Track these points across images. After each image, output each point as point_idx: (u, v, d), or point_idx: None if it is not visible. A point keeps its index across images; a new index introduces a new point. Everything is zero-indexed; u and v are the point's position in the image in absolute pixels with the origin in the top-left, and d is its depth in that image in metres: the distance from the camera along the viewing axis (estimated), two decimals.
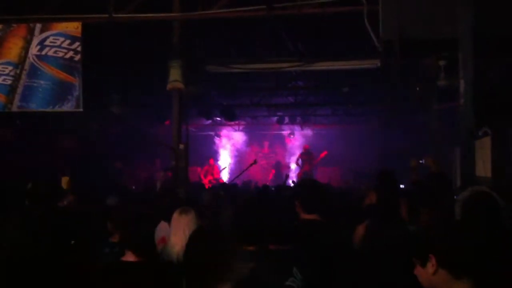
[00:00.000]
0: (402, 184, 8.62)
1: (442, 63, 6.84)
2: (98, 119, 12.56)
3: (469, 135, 4.94)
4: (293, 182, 12.68)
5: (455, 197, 5.20)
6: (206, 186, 11.81)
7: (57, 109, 7.04)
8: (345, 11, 6.80)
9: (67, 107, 6.93)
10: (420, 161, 6.94)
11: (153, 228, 3.94)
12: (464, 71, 4.89)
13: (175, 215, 4.10)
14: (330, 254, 3.20)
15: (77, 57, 6.91)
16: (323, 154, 17.37)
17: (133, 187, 13.30)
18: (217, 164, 18.38)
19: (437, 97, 9.50)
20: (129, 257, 3.18)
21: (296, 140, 19.48)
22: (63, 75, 6.91)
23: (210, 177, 17.02)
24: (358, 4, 6.32)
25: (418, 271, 2.09)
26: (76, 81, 6.89)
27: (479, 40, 4.94)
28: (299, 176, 16.54)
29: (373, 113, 15.27)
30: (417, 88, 9.80)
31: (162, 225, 4.60)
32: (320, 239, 3.43)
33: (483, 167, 7.19)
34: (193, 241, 3.34)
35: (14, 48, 7.04)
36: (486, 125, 7.94)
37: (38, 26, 7.04)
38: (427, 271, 2.03)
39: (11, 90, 6.99)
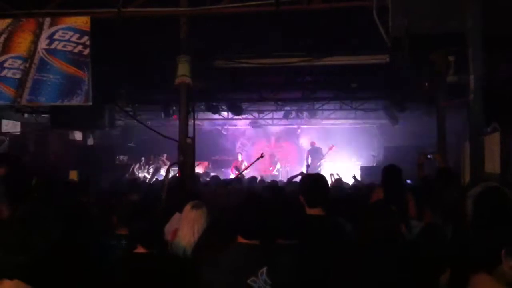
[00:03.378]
0: (409, 180, 8.61)
1: (451, 58, 6.79)
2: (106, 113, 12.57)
3: (478, 131, 4.91)
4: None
5: (463, 193, 5.20)
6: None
7: (66, 103, 7.07)
8: (354, 6, 6.77)
9: (76, 101, 6.95)
10: (428, 157, 6.91)
11: (160, 221, 3.97)
12: (474, 66, 4.86)
13: (186, 209, 4.13)
14: (329, 251, 3.20)
15: (86, 51, 6.92)
16: (331, 148, 17.36)
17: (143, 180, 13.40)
18: (245, 159, 18.34)
19: (445, 92, 9.44)
20: (140, 249, 3.28)
21: (303, 134, 19.49)
22: (72, 69, 6.94)
23: (237, 173, 17.07)
24: None
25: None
26: (85, 76, 6.91)
27: (489, 34, 4.91)
28: (307, 171, 16.53)
29: (381, 108, 15.20)
30: (426, 84, 9.75)
31: (177, 216, 4.61)
32: (320, 235, 3.44)
33: (492, 163, 7.15)
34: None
35: (23, 42, 7.06)
36: (495, 121, 7.89)
37: (47, 20, 7.06)
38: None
39: (20, 84, 7.02)
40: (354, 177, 12.30)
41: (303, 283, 2.83)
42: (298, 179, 10.90)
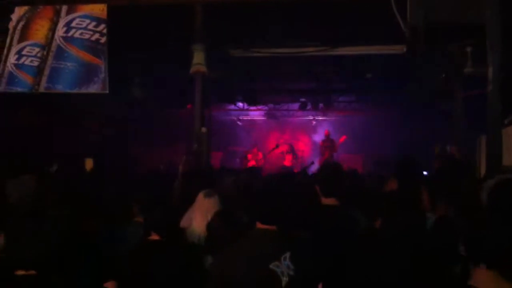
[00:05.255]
0: (425, 171, 8.55)
1: (469, 49, 6.70)
2: (121, 102, 12.65)
3: (496, 123, 4.85)
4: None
5: (479, 185, 5.15)
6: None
7: (83, 90, 7.12)
8: None
9: (93, 89, 7.00)
10: (444, 149, 6.85)
11: (175, 209, 4.01)
12: (492, 57, 4.80)
13: (199, 198, 4.16)
14: (343, 243, 3.19)
15: (103, 39, 6.96)
16: (342, 139, 17.29)
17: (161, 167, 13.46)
18: (261, 151, 18.37)
19: (462, 84, 9.34)
20: (155, 236, 3.32)
21: (318, 126, 19.41)
22: (89, 57, 6.98)
23: (253, 162, 17.14)
24: None
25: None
26: (102, 63, 6.96)
27: (507, 25, 4.83)
28: (320, 163, 16.47)
29: (397, 99, 15.06)
30: (443, 75, 9.65)
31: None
32: (335, 226, 3.43)
33: (509, 156, 7.07)
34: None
35: (40, 29, 7.12)
36: None
37: (64, 8, 7.10)
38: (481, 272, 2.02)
39: (38, 71, 7.09)
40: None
41: (321, 272, 2.83)
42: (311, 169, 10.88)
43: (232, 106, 17.21)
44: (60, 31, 7.05)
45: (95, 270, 3.15)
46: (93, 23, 6.99)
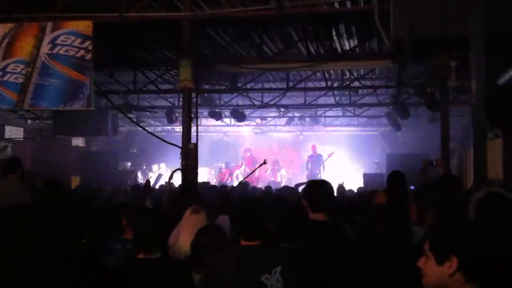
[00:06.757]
0: (412, 185, 8.58)
1: (453, 63, 6.75)
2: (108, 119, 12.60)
3: (482, 136, 4.87)
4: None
5: (466, 198, 5.16)
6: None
7: (68, 107, 7.06)
8: (356, 10, 6.76)
9: (78, 105, 6.93)
10: (431, 163, 6.88)
11: (163, 225, 3.95)
12: (476, 71, 4.82)
13: (186, 214, 4.12)
14: (332, 255, 3.17)
15: (88, 56, 6.91)
16: (330, 155, 17.35)
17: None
18: (247, 166, 18.39)
19: (448, 98, 9.42)
20: (142, 254, 3.24)
21: (305, 141, 19.46)
22: (74, 74, 6.92)
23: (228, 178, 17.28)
24: (369, 3, 6.29)
25: (428, 265, 1.99)
26: (87, 80, 6.89)
27: (491, 39, 4.87)
28: (307, 178, 16.47)
29: (384, 114, 15.18)
30: (428, 89, 9.74)
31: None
32: (324, 239, 3.41)
33: (495, 169, 7.11)
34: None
35: (25, 46, 7.05)
36: (497, 127, 7.84)
37: (50, 24, 7.05)
38: (441, 270, 1.94)
39: (22, 88, 7.01)
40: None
41: (311, 286, 2.81)
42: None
43: (220, 122, 17.20)
44: (45, 48, 6.99)
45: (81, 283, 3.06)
46: (79, 40, 6.94)
